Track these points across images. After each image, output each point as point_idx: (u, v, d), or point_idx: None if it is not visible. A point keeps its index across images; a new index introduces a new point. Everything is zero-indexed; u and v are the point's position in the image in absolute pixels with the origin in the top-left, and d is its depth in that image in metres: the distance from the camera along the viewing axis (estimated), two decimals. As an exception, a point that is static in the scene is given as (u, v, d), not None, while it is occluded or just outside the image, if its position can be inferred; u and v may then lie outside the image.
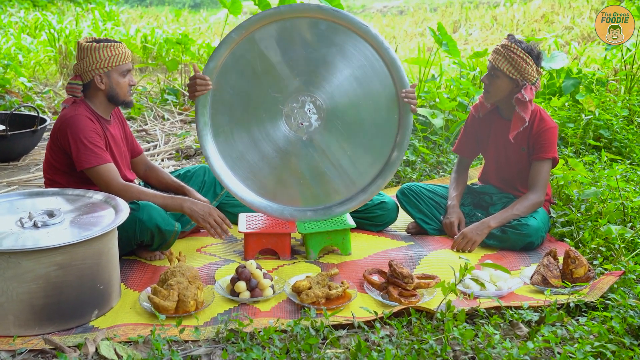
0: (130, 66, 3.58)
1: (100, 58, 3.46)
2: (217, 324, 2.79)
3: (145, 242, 3.47)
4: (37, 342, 2.68)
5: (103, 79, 3.50)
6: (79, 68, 3.50)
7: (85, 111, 3.49)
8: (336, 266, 3.46)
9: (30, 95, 7.76)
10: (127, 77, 3.56)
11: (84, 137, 3.41)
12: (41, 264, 2.68)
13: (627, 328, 2.66)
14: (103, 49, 3.47)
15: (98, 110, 3.56)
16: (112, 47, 3.48)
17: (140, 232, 3.38)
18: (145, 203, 3.42)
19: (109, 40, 3.53)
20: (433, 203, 4.01)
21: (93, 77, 3.49)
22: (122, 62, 3.51)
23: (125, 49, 3.55)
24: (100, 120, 3.55)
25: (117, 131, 3.69)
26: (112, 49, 3.48)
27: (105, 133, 3.54)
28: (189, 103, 7.82)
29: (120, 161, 3.64)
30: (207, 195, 3.96)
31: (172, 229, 3.46)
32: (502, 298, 3.03)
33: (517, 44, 3.68)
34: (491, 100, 3.82)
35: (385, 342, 2.59)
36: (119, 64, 3.50)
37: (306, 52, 3.51)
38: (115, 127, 3.67)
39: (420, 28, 14.43)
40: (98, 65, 3.46)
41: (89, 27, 11.35)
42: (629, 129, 5.63)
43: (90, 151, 3.41)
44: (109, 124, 3.61)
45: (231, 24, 14.06)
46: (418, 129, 5.90)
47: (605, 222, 3.63)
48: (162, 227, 3.41)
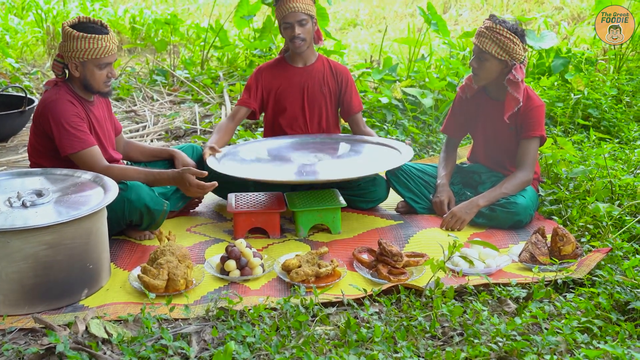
0: (110, 60, 3.44)
1: (77, 48, 3.36)
2: (207, 303, 2.80)
3: (135, 222, 3.47)
4: (27, 321, 2.68)
5: (78, 67, 3.42)
6: (60, 49, 3.44)
7: (66, 94, 3.45)
8: (326, 245, 3.47)
9: (18, 76, 7.70)
10: (104, 70, 3.44)
11: (65, 122, 3.38)
12: (30, 243, 2.67)
13: (613, 304, 2.69)
14: (82, 40, 3.34)
15: (79, 92, 3.51)
16: (92, 39, 3.34)
17: (129, 212, 3.38)
18: (133, 183, 3.41)
19: (95, 29, 3.38)
20: (422, 182, 4.02)
21: (69, 63, 3.44)
22: (100, 56, 3.38)
23: (108, 42, 3.39)
24: (83, 101, 3.51)
25: (101, 112, 3.65)
26: (92, 42, 3.34)
27: (88, 115, 3.51)
28: (178, 84, 7.79)
29: (105, 141, 3.62)
30: None
31: (161, 209, 3.46)
32: (490, 275, 3.05)
33: (501, 25, 3.67)
34: (481, 83, 3.82)
35: (374, 319, 2.61)
36: (96, 57, 3.38)
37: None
38: (98, 108, 3.63)
39: (410, 8, 14.36)
40: (74, 54, 3.37)
41: (77, 8, 11.25)
42: (617, 108, 5.64)
43: (73, 136, 3.38)
44: (91, 105, 3.56)
45: (220, 5, 13.97)
46: (408, 109, 5.90)
47: (593, 200, 3.65)
48: (151, 207, 3.40)
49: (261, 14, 10.21)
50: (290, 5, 4.01)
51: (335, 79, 4.27)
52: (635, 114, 5.75)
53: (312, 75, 4.24)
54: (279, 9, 4.09)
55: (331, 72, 4.27)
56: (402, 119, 5.77)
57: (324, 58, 4.32)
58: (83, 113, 3.47)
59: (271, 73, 4.27)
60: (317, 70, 4.25)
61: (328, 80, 4.26)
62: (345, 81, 4.29)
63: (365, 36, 12.36)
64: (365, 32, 12.98)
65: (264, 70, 4.29)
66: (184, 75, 7.93)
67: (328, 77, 4.26)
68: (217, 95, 7.12)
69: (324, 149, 4.09)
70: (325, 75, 4.26)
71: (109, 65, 3.46)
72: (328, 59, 4.34)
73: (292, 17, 4.03)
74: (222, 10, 13.85)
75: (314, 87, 4.24)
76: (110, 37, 3.42)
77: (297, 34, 4.06)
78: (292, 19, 4.04)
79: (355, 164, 3.91)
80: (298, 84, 4.24)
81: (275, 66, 4.30)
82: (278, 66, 4.29)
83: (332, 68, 4.29)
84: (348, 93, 4.28)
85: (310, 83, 4.24)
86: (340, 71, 4.30)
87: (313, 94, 4.25)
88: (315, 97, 4.26)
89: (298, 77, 4.24)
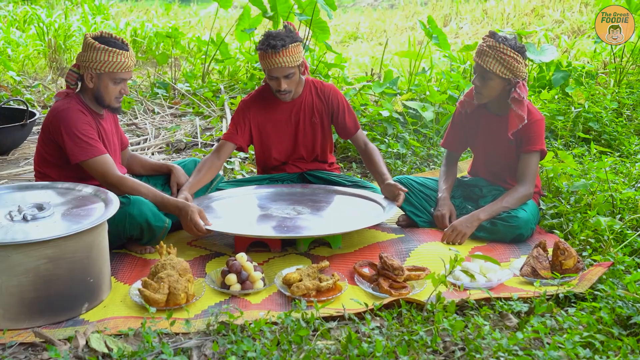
0: (126, 76, 3.49)
1: (97, 59, 3.40)
2: (207, 317, 2.79)
3: (135, 237, 3.47)
4: (27, 335, 2.67)
5: (93, 79, 3.47)
6: (78, 59, 3.49)
7: (77, 104, 3.48)
8: (327, 259, 3.46)
9: (20, 89, 7.73)
10: (119, 85, 3.49)
11: (76, 130, 3.40)
12: (31, 257, 2.67)
13: (615, 318, 2.68)
14: (103, 52, 3.39)
15: (90, 105, 3.54)
16: (113, 53, 3.40)
17: (130, 226, 3.38)
18: (136, 198, 3.41)
19: (116, 44, 3.43)
20: (423, 196, 4.02)
21: (85, 73, 3.47)
22: (116, 70, 3.43)
23: (127, 58, 3.44)
24: (93, 114, 3.54)
25: (109, 126, 3.67)
26: (112, 55, 3.40)
27: (97, 127, 3.53)
28: (179, 97, 7.80)
29: (112, 156, 3.62)
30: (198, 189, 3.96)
31: (162, 225, 3.46)
32: (491, 289, 3.05)
33: (504, 43, 3.67)
34: (483, 100, 3.82)
35: (375, 334, 2.60)
36: (112, 70, 3.43)
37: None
38: (107, 122, 3.65)
39: (410, 22, 14.43)
40: (92, 64, 3.42)
41: (78, 21, 11.29)
42: (618, 122, 5.65)
43: (85, 143, 3.40)
44: (101, 119, 3.59)
45: (221, 18, 14.03)
46: (409, 122, 5.91)
47: (595, 213, 3.65)
48: (152, 223, 3.41)
49: (262, 27, 10.24)
50: (276, 60, 3.81)
51: (323, 103, 4.13)
52: (635, 127, 5.76)
53: (301, 107, 4.10)
54: (263, 60, 3.86)
55: (319, 97, 4.13)
56: (402, 132, 5.78)
57: (310, 83, 4.15)
58: (93, 123, 3.49)
59: (258, 107, 4.10)
60: (305, 101, 4.11)
61: (317, 107, 4.12)
62: (335, 102, 4.14)
63: (365, 49, 12.40)
64: (366, 45, 13.03)
65: (250, 104, 4.12)
66: (185, 88, 7.95)
67: (317, 103, 4.13)
68: (218, 108, 7.14)
69: (302, 200, 3.99)
70: (314, 103, 4.12)
71: (123, 81, 3.50)
72: (314, 82, 4.17)
73: (279, 72, 3.86)
74: (223, 23, 13.91)
75: (304, 119, 4.12)
76: (130, 55, 3.46)
77: (283, 89, 3.93)
78: (278, 73, 3.87)
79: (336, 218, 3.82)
80: (287, 118, 4.10)
81: (262, 99, 4.12)
82: (265, 99, 4.12)
83: (319, 92, 4.15)
84: (341, 114, 4.14)
85: (300, 116, 4.11)
86: (328, 92, 4.14)
87: (304, 126, 4.13)
88: (306, 129, 4.14)
89: (287, 112, 4.10)
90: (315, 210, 3.85)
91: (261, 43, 3.85)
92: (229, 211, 3.85)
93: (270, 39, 3.82)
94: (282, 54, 3.79)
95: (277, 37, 3.82)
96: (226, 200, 4.01)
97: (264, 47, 3.81)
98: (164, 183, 3.92)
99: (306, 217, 3.73)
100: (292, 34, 3.88)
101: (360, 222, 3.64)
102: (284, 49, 3.78)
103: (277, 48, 3.77)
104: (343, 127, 4.18)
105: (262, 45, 3.83)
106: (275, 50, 3.77)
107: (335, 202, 4.03)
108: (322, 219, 3.72)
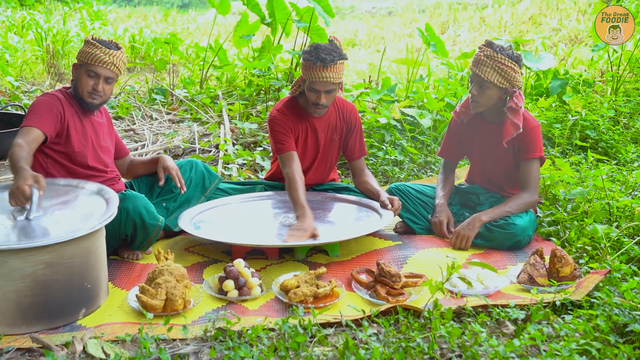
0: (100, 71, 3.48)
1: (82, 50, 3.52)
2: (205, 323, 2.79)
3: (129, 236, 3.47)
4: (24, 340, 2.67)
5: (76, 69, 3.56)
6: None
7: (59, 93, 3.55)
8: (324, 265, 3.46)
9: (18, 95, 7.72)
10: (92, 79, 3.50)
11: (33, 104, 3.45)
12: (28, 262, 2.67)
13: (612, 326, 2.68)
14: (86, 44, 3.51)
15: (75, 99, 3.58)
16: (94, 46, 3.49)
17: (125, 223, 3.38)
18: (131, 193, 3.44)
19: (104, 42, 3.53)
20: (421, 203, 4.03)
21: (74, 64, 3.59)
22: (93, 62, 3.47)
23: (106, 55, 3.48)
24: (74, 107, 3.55)
25: (98, 128, 3.66)
26: (92, 48, 3.49)
27: (64, 115, 3.48)
28: (177, 103, 7.81)
29: (85, 150, 3.57)
30: (195, 190, 3.96)
31: (155, 223, 3.46)
32: (489, 296, 3.05)
33: (501, 53, 3.69)
34: (481, 109, 3.83)
35: (372, 340, 2.60)
36: (87, 61, 3.48)
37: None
38: (96, 124, 3.64)
39: (408, 29, 14.47)
40: (78, 55, 3.53)
41: (76, 27, 11.31)
42: (615, 130, 5.67)
43: (31, 114, 3.41)
44: (85, 116, 3.58)
45: (219, 24, 14.05)
46: (406, 129, 5.92)
47: (591, 221, 3.66)
48: (146, 220, 3.42)
49: (260, 33, 10.27)
50: (323, 75, 3.76)
51: (344, 121, 4.13)
52: (632, 135, 5.77)
53: (326, 124, 4.09)
54: (308, 71, 3.81)
55: (340, 115, 4.12)
56: (400, 139, 5.79)
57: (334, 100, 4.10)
58: (59, 108, 3.48)
59: (293, 119, 4.02)
60: (330, 118, 4.10)
61: (338, 125, 4.12)
62: (354, 123, 4.14)
63: (363, 56, 12.43)
64: (363, 52, 13.06)
65: (284, 115, 4.01)
66: (183, 94, 7.95)
67: (338, 122, 4.12)
68: (216, 114, 7.14)
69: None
70: (336, 121, 4.12)
71: (97, 76, 3.50)
72: (336, 99, 4.14)
73: (322, 86, 3.82)
74: (221, 29, 13.93)
75: (326, 137, 4.11)
76: (111, 53, 3.50)
77: (322, 103, 3.89)
78: (321, 87, 3.82)
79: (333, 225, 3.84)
80: (314, 134, 4.07)
81: (294, 111, 4.05)
82: (295, 111, 4.05)
83: (340, 110, 4.14)
84: (353, 136, 4.15)
85: (325, 134, 4.10)
86: (349, 112, 4.15)
87: (326, 144, 4.12)
88: (327, 147, 4.13)
89: (316, 127, 4.06)
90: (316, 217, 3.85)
91: (309, 54, 3.80)
92: (225, 219, 3.86)
93: (320, 51, 3.78)
94: (329, 69, 3.76)
95: (326, 51, 3.78)
96: (222, 208, 4.02)
97: (313, 59, 3.76)
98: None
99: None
100: (339, 50, 3.85)
101: (357, 229, 3.64)
102: (333, 64, 3.77)
103: (327, 62, 3.75)
104: (352, 148, 4.18)
105: (310, 57, 3.78)
106: (324, 65, 3.75)
107: (332, 209, 4.03)
108: (319, 227, 3.72)
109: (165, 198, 3.89)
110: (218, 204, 4.03)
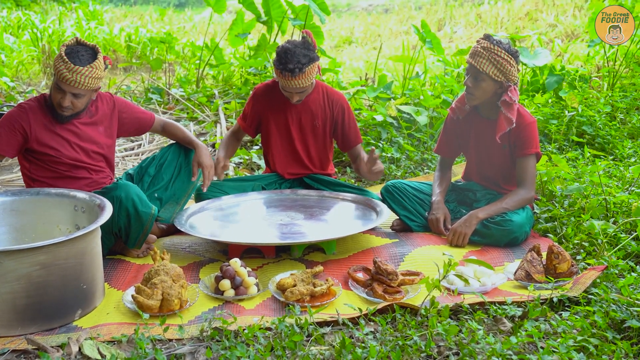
0: (66, 88, 3.34)
1: (53, 64, 3.37)
2: (201, 323, 2.78)
3: (123, 229, 3.44)
4: (19, 342, 2.66)
5: (51, 81, 3.48)
6: None
7: (33, 101, 3.49)
8: (321, 264, 3.45)
9: (13, 95, 7.70)
10: (59, 93, 3.39)
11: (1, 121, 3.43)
12: (23, 263, 2.66)
13: (609, 322, 2.68)
14: (57, 59, 3.34)
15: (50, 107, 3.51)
16: (62, 61, 3.31)
17: (117, 213, 3.36)
18: (123, 182, 3.43)
19: (73, 56, 3.34)
20: (417, 200, 4.02)
21: None
22: (59, 78, 3.33)
23: (72, 73, 3.29)
24: (52, 113, 3.47)
25: (83, 132, 3.57)
26: (62, 64, 3.30)
27: (30, 127, 3.43)
28: (173, 102, 7.79)
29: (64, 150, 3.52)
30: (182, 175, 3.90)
31: (149, 211, 3.44)
32: (486, 294, 3.04)
33: (498, 46, 3.68)
34: (475, 102, 3.81)
35: (369, 339, 2.60)
36: (56, 77, 3.35)
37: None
38: (79, 127, 3.56)
39: (405, 26, 14.46)
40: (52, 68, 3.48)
41: (72, 27, 11.29)
42: (611, 125, 5.66)
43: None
44: (67, 120, 3.49)
45: (215, 23, 14.03)
46: (402, 127, 5.91)
47: (588, 217, 3.65)
48: (139, 208, 3.40)
49: (256, 32, 10.27)
50: (291, 83, 3.83)
51: (329, 110, 4.14)
52: (629, 130, 5.77)
53: (306, 108, 4.10)
54: (278, 77, 3.88)
55: (326, 103, 4.13)
56: (396, 136, 5.79)
57: (320, 87, 4.15)
58: (24, 122, 3.43)
59: (266, 99, 4.12)
60: (312, 103, 4.11)
61: (322, 112, 4.12)
62: (342, 112, 4.15)
63: (360, 54, 12.43)
64: (360, 49, 13.06)
65: (260, 96, 4.16)
66: (179, 93, 7.95)
67: (322, 109, 4.13)
68: (213, 113, 7.13)
69: (295, 206, 3.99)
70: (319, 108, 4.12)
71: (63, 93, 3.38)
72: (324, 87, 4.16)
73: (293, 91, 3.90)
74: (217, 28, 13.92)
75: (306, 122, 4.12)
76: (76, 70, 3.31)
77: (295, 101, 3.98)
78: (292, 91, 3.91)
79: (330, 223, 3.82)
80: (291, 117, 4.11)
81: (272, 91, 4.13)
82: (274, 92, 4.12)
83: (327, 98, 4.15)
84: (345, 126, 4.16)
85: (303, 118, 4.11)
86: (336, 101, 4.15)
87: (308, 128, 4.14)
88: (306, 131, 4.15)
89: (293, 110, 4.10)
90: (308, 216, 3.84)
91: (278, 62, 3.80)
92: (222, 218, 3.85)
93: (287, 62, 3.76)
94: (298, 78, 3.80)
95: (295, 59, 3.76)
96: (219, 207, 4.01)
97: (281, 68, 3.79)
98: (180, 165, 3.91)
99: (300, 223, 3.73)
100: (309, 51, 3.83)
101: (354, 227, 3.63)
102: (301, 73, 3.79)
103: (295, 73, 3.77)
104: (344, 139, 4.19)
105: (279, 65, 3.80)
106: (292, 75, 3.78)
107: (328, 207, 4.03)
108: (316, 225, 3.71)
109: (156, 188, 3.84)
110: (214, 203, 4.02)
